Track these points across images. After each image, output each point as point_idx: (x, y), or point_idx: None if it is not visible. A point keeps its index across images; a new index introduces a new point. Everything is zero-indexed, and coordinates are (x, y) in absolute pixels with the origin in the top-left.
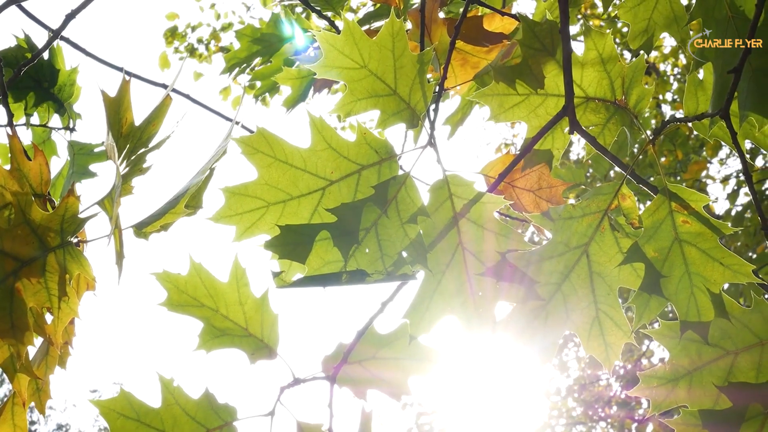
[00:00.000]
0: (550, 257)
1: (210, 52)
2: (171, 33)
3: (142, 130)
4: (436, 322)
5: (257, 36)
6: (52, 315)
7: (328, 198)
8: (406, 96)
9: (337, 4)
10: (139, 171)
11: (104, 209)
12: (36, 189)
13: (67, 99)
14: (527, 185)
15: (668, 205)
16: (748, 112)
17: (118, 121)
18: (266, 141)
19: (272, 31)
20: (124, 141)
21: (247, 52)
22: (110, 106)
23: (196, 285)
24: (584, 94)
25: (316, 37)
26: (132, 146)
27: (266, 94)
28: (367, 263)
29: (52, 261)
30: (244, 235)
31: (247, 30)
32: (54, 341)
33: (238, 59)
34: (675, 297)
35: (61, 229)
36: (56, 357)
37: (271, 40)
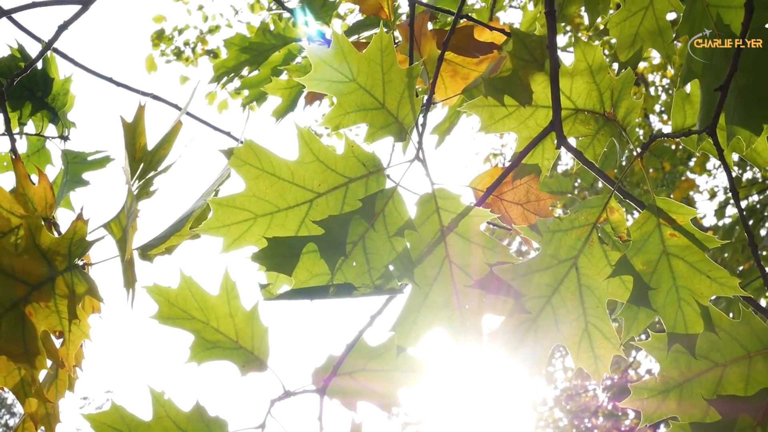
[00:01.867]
0: (539, 270)
1: (196, 56)
2: (158, 36)
3: (153, 154)
4: (423, 335)
5: (245, 45)
6: (63, 338)
7: (316, 210)
8: (394, 110)
9: (325, 14)
10: (146, 194)
11: (111, 233)
12: (41, 213)
13: (61, 108)
14: (515, 198)
15: (656, 219)
16: (735, 129)
17: (132, 146)
18: (254, 153)
19: (260, 40)
20: (137, 164)
21: (236, 61)
22: (128, 131)
23: (186, 298)
24: (573, 106)
25: (306, 50)
26: (143, 170)
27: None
28: (354, 276)
29: (60, 284)
30: (231, 246)
31: (235, 39)
32: (66, 365)
33: (227, 68)
34: (663, 310)
35: (69, 252)
36: (66, 381)
37: (260, 49)
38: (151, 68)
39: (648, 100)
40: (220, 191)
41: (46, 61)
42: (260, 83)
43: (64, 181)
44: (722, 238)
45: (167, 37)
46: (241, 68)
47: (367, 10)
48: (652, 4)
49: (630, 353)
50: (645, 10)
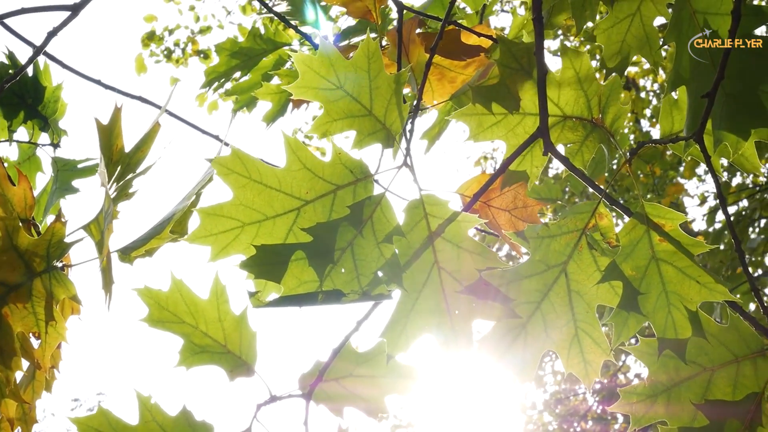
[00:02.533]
0: (528, 276)
1: (186, 56)
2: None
3: (130, 156)
4: (413, 341)
5: (236, 50)
6: (40, 339)
7: (304, 218)
8: (381, 116)
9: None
10: (125, 196)
11: (90, 234)
12: (20, 214)
13: (52, 115)
14: (503, 205)
15: (644, 225)
16: (722, 135)
17: (109, 148)
18: (241, 162)
19: (251, 44)
20: (114, 167)
21: (226, 66)
22: (103, 133)
23: (176, 301)
24: (561, 113)
25: (292, 57)
26: (121, 172)
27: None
28: (343, 283)
29: (38, 286)
30: (219, 255)
31: (226, 44)
32: (42, 366)
33: (218, 73)
34: (653, 315)
35: (48, 254)
36: (43, 382)
37: (250, 54)
38: (140, 69)
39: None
40: (201, 194)
41: (37, 68)
42: (251, 88)
43: (54, 188)
44: (712, 243)
45: (158, 37)
46: (232, 73)
47: (354, 14)
48: (640, 10)
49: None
50: (632, 16)
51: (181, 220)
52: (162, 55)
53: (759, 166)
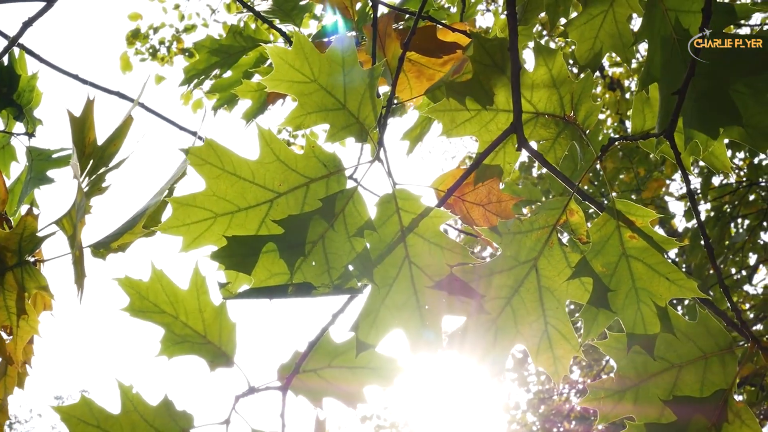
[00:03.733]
0: (499, 271)
1: (171, 54)
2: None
3: (103, 150)
4: (383, 335)
5: (216, 47)
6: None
7: (276, 210)
8: (355, 110)
9: (296, 17)
10: (98, 190)
11: (62, 229)
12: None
13: (27, 104)
14: (477, 199)
15: (615, 221)
16: (692, 133)
17: (81, 141)
18: (215, 152)
19: (230, 42)
20: (86, 160)
21: (206, 63)
22: (75, 125)
23: (156, 291)
24: (534, 109)
25: (267, 51)
26: (93, 165)
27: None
28: (313, 276)
29: (10, 280)
30: (191, 245)
31: (205, 41)
32: (14, 360)
33: (197, 70)
34: (622, 311)
35: (19, 248)
36: (15, 377)
37: (230, 52)
38: (125, 68)
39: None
40: (175, 189)
41: (13, 57)
42: (231, 86)
43: (29, 178)
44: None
45: (143, 35)
46: (212, 70)
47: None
48: (612, 7)
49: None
50: (605, 13)
51: (154, 214)
52: (147, 53)
53: (729, 165)
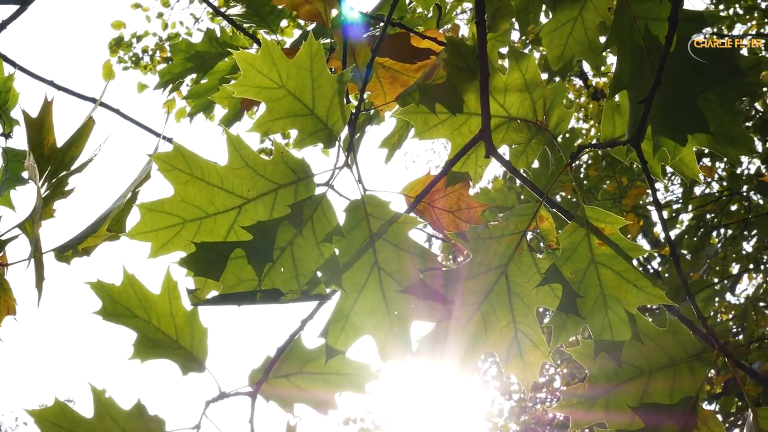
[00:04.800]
0: (468, 277)
1: (155, 63)
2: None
3: (64, 153)
4: (353, 341)
5: (191, 52)
6: None
7: (245, 216)
8: (323, 116)
9: (272, 21)
10: (61, 194)
11: (25, 232)
12: None
13: (3, 105)
14: (446, 206)
15: (584, 228)
16: (660, 140)
17: (39, 143)
18: (183, 158)
19: (206, 48)
20: (46, 163)
21: (181, 68)
22: (32, 127)
23: (129, 295)
24: (507, 114)
25: (234, 56)
26: (54, 168)
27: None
28: (281, 282)
29: None
30: (159, 251)
31: (181, 45)
32: None
33: (172, 74)
34: (590, 317)
35: None
36: None
37: (206, 57)
38: (108, 76)
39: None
40: (139, 192)
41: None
42: (207, 92)
43: (4, 178)
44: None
45: (126, 43)
46: (187, 75)
47: (304, 16)
48: (582, 14)
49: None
50: (574, 20)
51: (118, 217)
52: (130, 61)
53: (698, 172)
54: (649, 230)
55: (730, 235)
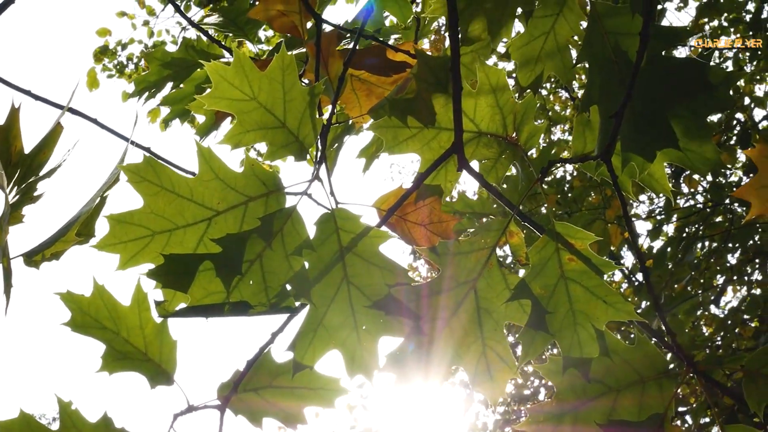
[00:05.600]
0: (437, 292)
1: (140, 71)
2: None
3: (32, 158)
4: (321, 355)
5: (168, 60)
6: None
7: (215, 228)
8: (295, 129)
9: (250, 31)
10: (29, 199)
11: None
12: None
13: None
14: (418, 219)
15: (554, 243)
16: (629, 156)
17: (7, 149)
18: (153, 169)
19: (183, 56)
20: (14, 169)
21: (157, 76)
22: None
23: (98, 307)
24: (477, 129)
25: (206, 68)
26: (22, 174)
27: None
28: (250, 295)
29: None
30: (128, 263)
31: (157, 53)
32: None
33: (148, 83)
34: (559, 333)
35: None
36: None
37: (182, 65)
38: (92, 85)
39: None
40: (107, 197)
41: None
42: (184, 99)
43: None
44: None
45: (111, 51)
46: (164, 84)
47: (279, 29)
48: (554, 29)
49: None
50: (546, 35)
51: (87, 222)
52: (115, 69)
53: (669, 188)
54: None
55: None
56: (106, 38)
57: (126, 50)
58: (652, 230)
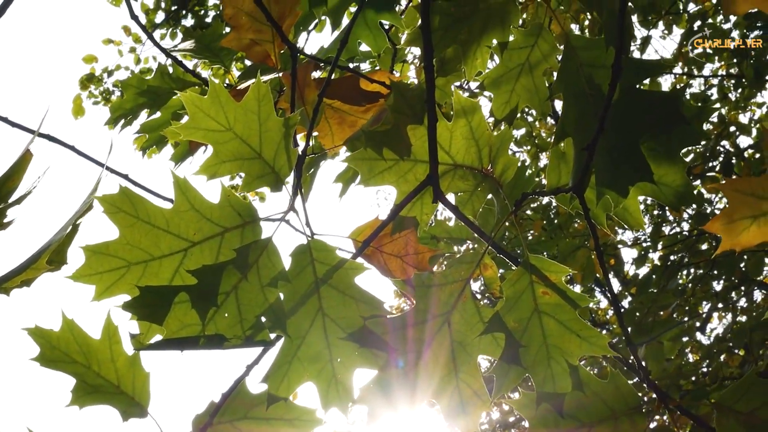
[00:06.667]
0: (412, 324)
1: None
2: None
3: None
4: (295, 387)
5: (144, 88)
6: None
7: (190, 260)
8: (270, 160)
9: (225, 57)
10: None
11: None
12: None
13: None
14: (394, 251)
15: (529, 277)
16: (603, 190)
17: None
18: (129, 200)
19: (158, 83)
20: None
21: (133, 104)
22: None
23: (68, 341)
24: (452, 161)
25: (181, 98)
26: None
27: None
28: (226, 327)
29: None
30: (103, 294)
31: (132, 80)
32: None
33: (124, 110)
34: (533, 367)
35: None
36: None
37: (158, 92)
38: (78, 113)
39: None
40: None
41: None
42: (160, 127)
43: None
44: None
45: (97, 78)
46: (139, 111)
47: (253, 58)
48: (529, 61)
49: None
50: (521, 67)
51: (59, 250)
52: (101, 96)
53: (642, 222)
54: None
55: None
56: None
57: (112, 77)
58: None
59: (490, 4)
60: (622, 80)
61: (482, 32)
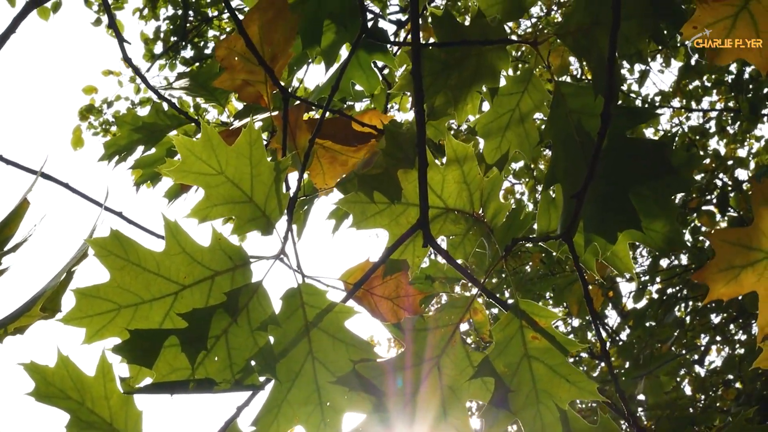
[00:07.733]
0: (402, 369)
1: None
2: (87, 109)
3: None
4: (285, 430)
5: (138, 124)
6: None
7: (181, 303)
8: (261, 204)
9: (220, 96)
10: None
11: None
12: None
13: None
14: (385, 293)
15: (519, 321)
16: (591, 237)
17: None
18: (120, 243)
19: (153, 120)
20: None
21: (128, 140)
22: None
23: (63, 377)
24: (444, 205)
25: (173, 141)
26: None
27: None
28: (215, 371)
29: None
30: (94, 337)
31: (127, 117)
32: None
33: (118, 146)
34: (522, 412)
35: None
36: None
37: (153, 129)
38: (77, 144)
39: None
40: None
41: None
42: (154, 163)
43: None
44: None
45: (97, 109)
46: (134, 147)
47: (246, 98)
48: (519, 107)
49: None
50: (511, 112)
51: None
52: (100, 128)
53: (632, 268)
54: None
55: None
56: (92, 96)
57: (111, 108)
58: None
59: (480, 50)
60: (611, 127)
61: (473, 78)
